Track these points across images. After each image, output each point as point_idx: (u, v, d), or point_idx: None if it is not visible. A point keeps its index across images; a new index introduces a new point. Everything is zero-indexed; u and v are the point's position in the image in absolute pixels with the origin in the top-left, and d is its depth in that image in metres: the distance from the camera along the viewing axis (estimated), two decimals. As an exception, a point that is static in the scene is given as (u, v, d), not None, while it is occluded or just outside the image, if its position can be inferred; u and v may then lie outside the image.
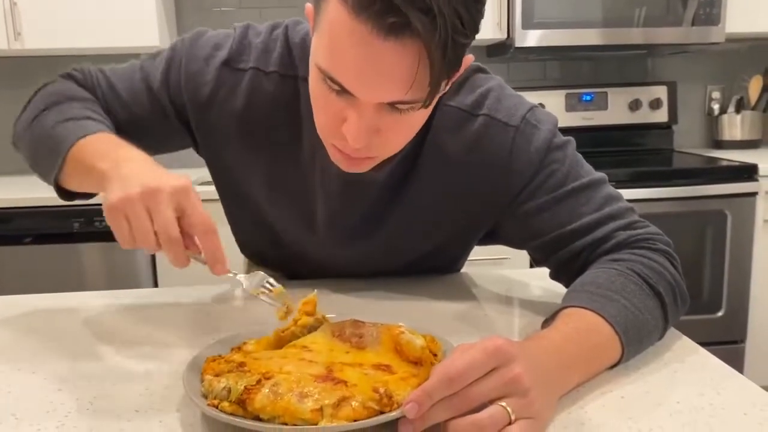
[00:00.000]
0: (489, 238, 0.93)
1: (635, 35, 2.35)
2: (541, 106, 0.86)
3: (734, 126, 2.74)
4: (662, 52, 2.69)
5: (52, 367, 0.70)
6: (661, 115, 2.71)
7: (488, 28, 2.33)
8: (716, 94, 2.82)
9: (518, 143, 0.81)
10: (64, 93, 0.87)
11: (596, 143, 2.64)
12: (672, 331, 0.76)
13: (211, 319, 0.85)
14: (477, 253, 1.02)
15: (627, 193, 0.86)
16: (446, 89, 0.70)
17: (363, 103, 0.65)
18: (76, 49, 2.23)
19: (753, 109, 2.73)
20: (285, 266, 1.04)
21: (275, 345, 0.67)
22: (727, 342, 2.32)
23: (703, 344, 0.74)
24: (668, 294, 0.74)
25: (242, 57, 0.85)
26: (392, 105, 0.66)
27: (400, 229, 0.89)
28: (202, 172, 1.11)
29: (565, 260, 0.82)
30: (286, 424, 0.52)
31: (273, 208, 0.92)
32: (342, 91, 0.65)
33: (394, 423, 0.52)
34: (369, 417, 0.52)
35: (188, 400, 0.59)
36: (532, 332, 0.69)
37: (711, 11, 2.33)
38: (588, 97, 2.67)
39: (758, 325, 2.32)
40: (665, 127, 2.75)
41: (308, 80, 0.72)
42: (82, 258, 2.10)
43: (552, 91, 2.66)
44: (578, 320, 0.67)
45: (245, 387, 0.54)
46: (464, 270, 1.07)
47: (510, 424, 0.51)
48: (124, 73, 0.91)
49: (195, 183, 2.04)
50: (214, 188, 0.96)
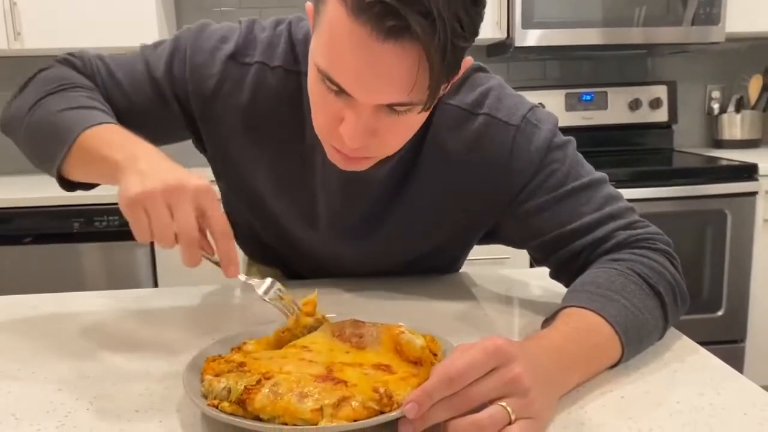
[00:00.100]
0: (489, 238, 0.93)
1: (635, 35, 2.35)
2: (541, 105, 0.86)
3: (734, 125, 2.73)
4: (662, 51, 2.69)
5: (52, 367, 0.70)
6: (661, 115, 2.71)
7: (488, 28, 2.32)
8: (716, 94, 2.82)
9: (519, 142, 0.81)
10: (66, 80, 0.84)
11: (596, 143, 2.64)
12: (672, 330, 0.76)
13: (211, 319, 0.85)
14: (477, 252, 1.02)
15: (627, 193, 0.86)
16: (445, 92, 0.70)
17: (361, 104, 0.65)
18: (76, 48, 2.22)
19: (753, 108, 2.73)
20: (286, 264, 1.04)
21: (275, 345, 0.67)
22: (727, 341, 2.32)
23: (703, 344, 0.74)
24: (668, 294, 0.74)
25: (248, 51, 0.85)
26: (390, 107, 0.65)
27: (400, 229, 0.89)
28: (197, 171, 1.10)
29: (565, 260, 0.82)
30: (286, 424, 0.52)
31: (277, 203, 0.91)
32: (340, 91, 0.65)
33: (394, 423, 0.52)
34: (369, 417, 0.52)
35: (188, 400, 0.59)
36: (532, 332, 0.69)
37: (711, 11, 2.33)
38: (588, 97, 2.67)
39: (758, 325, 2.32)
40: (665, 127, 2.75)
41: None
42: (82, 258, 2.09)
43: (552, 90, 2.66)
44: (578, 320, 0.67)
45: (245, 387, 0.54)
46: (464, 270, 1.07)
47: (510, 424, 0.52)
48: (125, 62, 0.89)
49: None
50: None
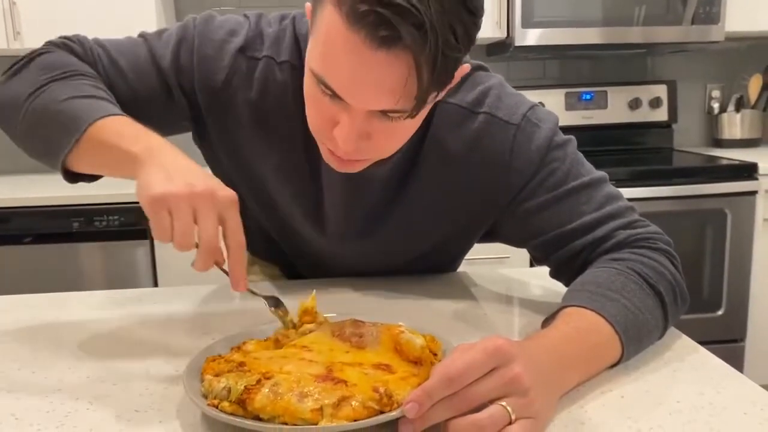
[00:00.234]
0: (489, 237, 0.93)
1: (635, 34, 2.35)
2: (541, 105, 0.86)
3: (734, 125, 2.73)
4: (662, 50, 2.69)
5: (52, 367, 0.70)
6: (660, 114, 2.71)
7: (488, 27, 2.32)
8: (716, 93, 2.82)
9: (519, 141, 0.81)
10: (69, 66, 0.81)
11: (596, 142, 2.64)
12: (672, 330, 0.76)
13: (211, 319, 0.85)
14: (477, 251, 1.02)
15: (627, 192, 0.86)
16: (437, 99, 0.70)
17: (354, 109, 0.65)
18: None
19: (753, 107, 2.73)
20: (286, 260, 1.03)
21: (275, 345, 0.67)
22: (726, 341, 2.32)
23: (703, 343, 0.74)
24: (668, 293, 0.73)
25: (256, 45, 0.84)
26: (383, 112, 0.66)
27: (401, 228, 0.89)
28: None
29: (565, 259, 0.82)
30: (286, 423, 0.52)
31: (283, 198, 0.91)
32: (334, 96, 0.65)
33: (394, 423, 0.52)
34: (369, 417, 0.52)
35: (188, 400, 0.59)
36: (532, 332, 0.69)
37: (711, 10, 2.33)
38: (588, 96, 2.67)
39: (758, 324, 2.32)
40: (665, 126, 2.75)
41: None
42: (81, 258, 2.09)
43: (552, 90, 2.66)
44: (578, 320, 0.67)
45: (245, 387, 0.54)
46: (464, 269, 1.07)
47: (510, 423, 0.51)
48: (127, 49, 0.86)
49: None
50: None
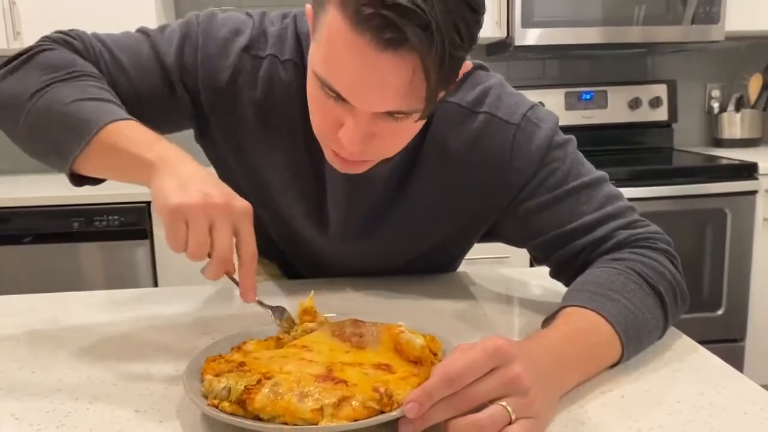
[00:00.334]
0: (489, 236, 0.93)
1: (635, 34, 2.35)
2: (541, 104, 0.86)
3: (734, 124, 2.73)
4: (662, 50, 2.69)
5: (52, 367, 0.70)
6: (660, 114, 2.71)
7: (488, 27, 2.32)
8: (716, 93, 2.82)
9: (519, 141, 0.81)
10: (72, 66, 0.79)
11: (596, 142, 2.64)
12: (672, 329, 0.76)
13: (212, 318, 0.85)
14: (477, 251, 1.02)
15: (627, 192, 0.86)
16: (443, 97, 0.70)
17: (359, 110, 0.65)
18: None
19: (753, 107, 2.73)
20: (285, 258, 1.03)
21: (275, 344, 0.67)
22: (726, 340, 2.32)
23: (703, 342, 0.74)
24: (669, 293, 0.73)
25: (260, 44, 0.84)
26: (388, 113, 0.66)
27: (401, 228, 0.89)
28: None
29: (565, 259, 0.82)
30: (286, 423, 0.52)
31: (285, 197, 0.90)
32: (338, 98, 0.65)
33: (394, 423, 0.52)
34: (369, 417, 0.52)
35: (188, 400, 0.59)
36: (532, 332, 0.69)
37: (710, 10, 2.33)
38: (588, 96, 2.67)
39: (758, 324, 2.32)
40: (665, 126, 2.75)
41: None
42: (81, 258, 2.09)
43: (551, 89, 2.66)
44: (578, 320, 0.67)
45: (245, 387, 0.54)
46: (464, 269, 1.07)
47: (510, 423, 0.51)
48: (128, 46, 0.85)
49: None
50: None
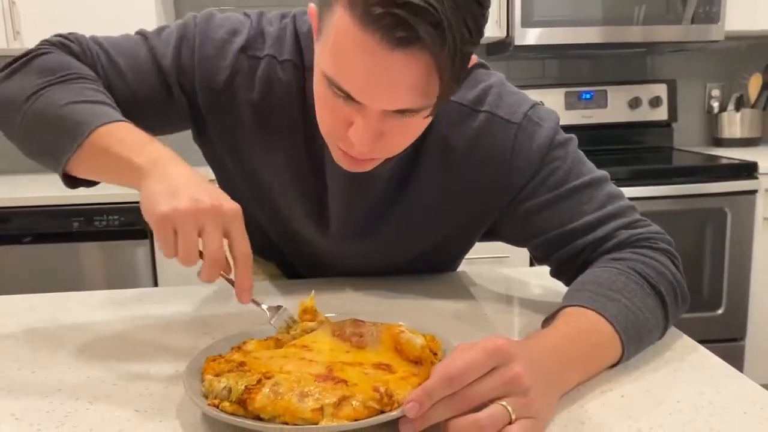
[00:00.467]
0: (490, 236, 0.93)
1: (635, 33, 2.35)
2: (541, 104, 0.85)
3: (734, 124, 2.73)
4: (662, 50, 2.69)
5: (52, 367, 0.70)
6: (660, 113, 2.71)
7: (488, 26, 2.29)
8: (716, 92, 2.82)
9: (520, 140, 0.80)
10: (68, 69, 0.79)
11: (596, 141, 2.64)
12: (672, 329, 0.76)
13: (212, 318, 0.85)
14: (477, 251, 1.02)
15: (627, 191, 0.86)
16: (454, 93, 0.70)
17: (369, 109, 0.65)
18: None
19: (753, 107, 2.73)
20: (284, 258, 1.03)
21: (276, 344, 0.67)
22: (726, 340, 2.32)
23: (703, 342, 0.74)
24: (669, 293, 0.73)
25: (258, 44, 0.84)
26: (398, 111, 0.66)
27: (401, 227, 0.89)
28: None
29: (566, 259, 0.82)
30: (286, 423, 0.52)
31: (285, 198, 0.90)
32: (348, 97, 0.65)
33: (394, 422, 0.52)
34: (369, 416, 0.52)
35: (188, 400, 0.59)
36: (532, 331, 0.69)
37: (710, 9, 2.33)
38: (587, 96, 2.67)
39: (758, 323, 2.32)
40: (665, 125, 2.75)
41: (313, 73, 0.71)
42: (81, 257, 2.09)
43: (551, 89, 2.66)
44: (579, 319, 0.67)
45: (246, 387, 0.54)
46: (464, 269, 1.07)
47: (510, 423, 0.51)
48: (126, 49, 0.85)
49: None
50: None
